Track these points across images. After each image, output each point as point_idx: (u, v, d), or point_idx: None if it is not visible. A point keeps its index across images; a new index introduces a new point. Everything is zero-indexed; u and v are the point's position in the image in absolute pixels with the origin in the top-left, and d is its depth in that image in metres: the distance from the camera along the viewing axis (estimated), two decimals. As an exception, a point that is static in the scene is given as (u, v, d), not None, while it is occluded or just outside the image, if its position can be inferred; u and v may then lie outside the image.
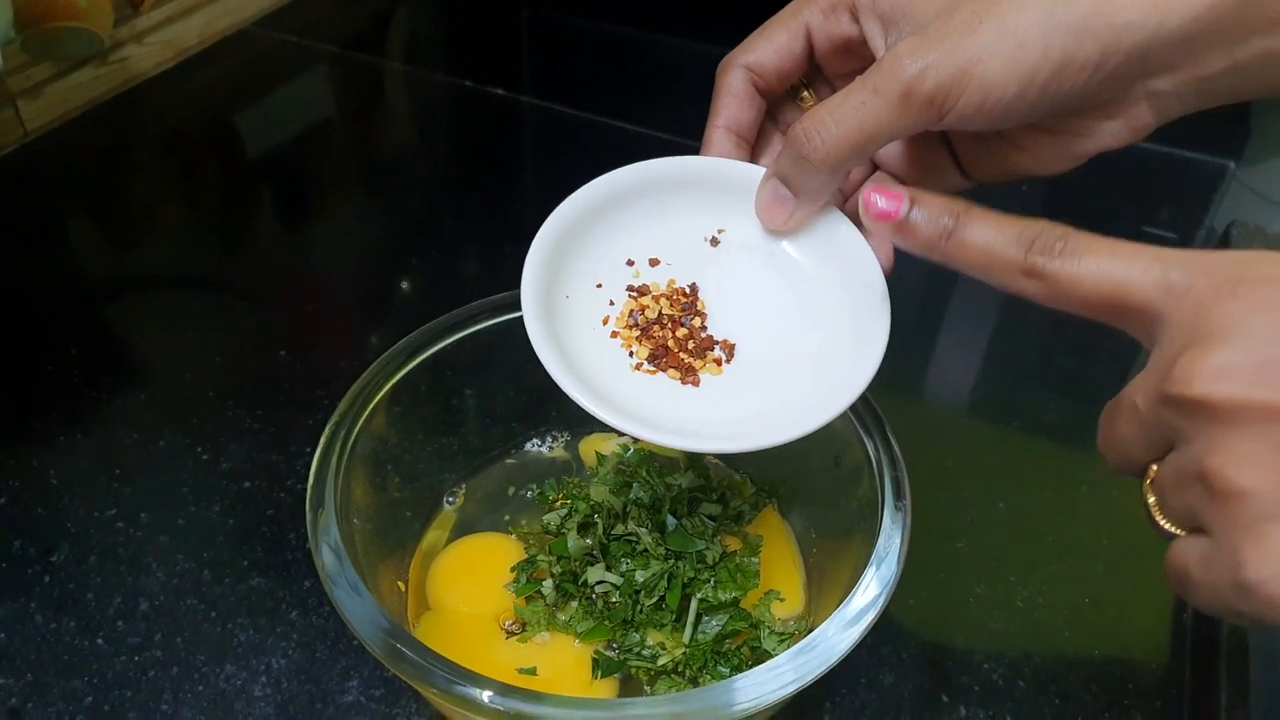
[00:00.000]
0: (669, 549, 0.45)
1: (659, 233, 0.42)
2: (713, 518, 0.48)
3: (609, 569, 0.45)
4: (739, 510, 0.49)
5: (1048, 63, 0.33)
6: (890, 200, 0.33)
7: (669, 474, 0.49)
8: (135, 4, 0.84)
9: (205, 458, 0.56)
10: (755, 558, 0.47)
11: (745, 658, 0.44)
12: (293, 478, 0.55)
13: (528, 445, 0.54)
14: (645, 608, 0.44)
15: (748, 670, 0.36)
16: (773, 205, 0.39)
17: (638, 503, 0.47)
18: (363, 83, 0.95)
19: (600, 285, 0.41)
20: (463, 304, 0.48)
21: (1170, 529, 0.30)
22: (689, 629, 0.44)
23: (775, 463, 0.50)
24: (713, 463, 0.53)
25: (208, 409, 0.59)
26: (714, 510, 0.48)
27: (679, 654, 0.43)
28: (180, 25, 0.90)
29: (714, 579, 0.45)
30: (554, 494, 0.50)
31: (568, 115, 0.88)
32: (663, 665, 0.43)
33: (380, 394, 0.45)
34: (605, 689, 0.43)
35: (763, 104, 0.41)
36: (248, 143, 0.87)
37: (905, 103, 0.33)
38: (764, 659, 0.38)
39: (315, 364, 0.62)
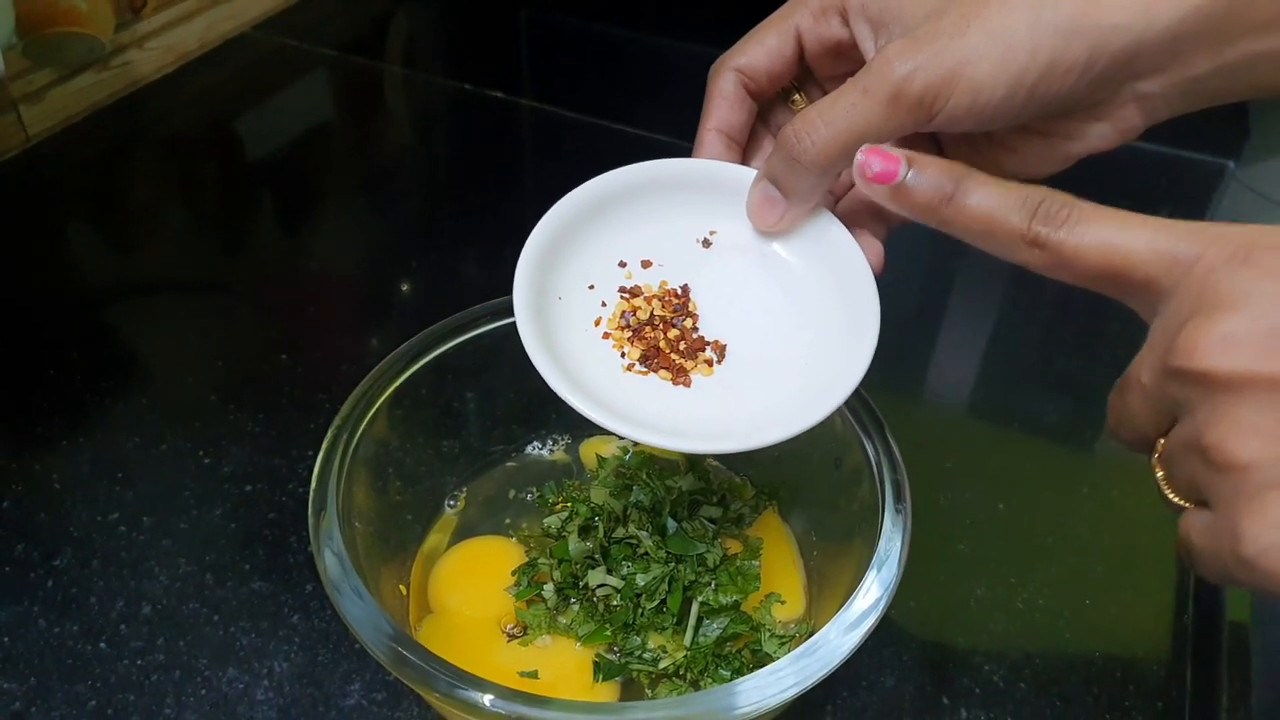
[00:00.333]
0: (670, 552, 0.45)
1: (651, 234, 0.42)
2: (713, 520, 0.48)
3: (610, 572, 0.45)
4: (739, 513, 0.49)
5: (1036, 64, 0.33)
6: (887, 162, 0.33)
7: (669, 477, 0.49)
8: (136, 9, 0.84)
9: (207, 461, 0.56)
10: (756, 560, 0.47)
11: (746, 661, 0.44)
12: (294, 481, 0.55)
13: (528, 448, 0.54)
14: (646, 611, 0.44)
15: (749, 673, 0.36)
16: (764, 206, 0.39)
17: (638, 506, 0.47)
18: (362, 86, 0.95)
19: (592, 287, 0.41)
20: (463, 306, 0.49)
21: (1179, 502, 0.30)
22: (690, 632, 0.44)
23: (775, 465, 0.50)
24: (713, 465, 0.53)
25: (209, 412, 0.59)
26: (714, 513, 0.48)
27: (680, 657, 0.43)
28: (181, 30, 0.90)
29: (715, 582, 0.45)
30: (554, 497, 0.50)
31: (566, 118, 0.88)
32: (664, 668, 0.43)
33: (382, 398, 0.45)
34: (606, 692, 0.43)
35: (754, 106, 0.41)
36: (248, 146, 0.87)
37: (895, 104, 0.33)
38: (765, 662, 0.38)
39: (316, 367, 0.62)
